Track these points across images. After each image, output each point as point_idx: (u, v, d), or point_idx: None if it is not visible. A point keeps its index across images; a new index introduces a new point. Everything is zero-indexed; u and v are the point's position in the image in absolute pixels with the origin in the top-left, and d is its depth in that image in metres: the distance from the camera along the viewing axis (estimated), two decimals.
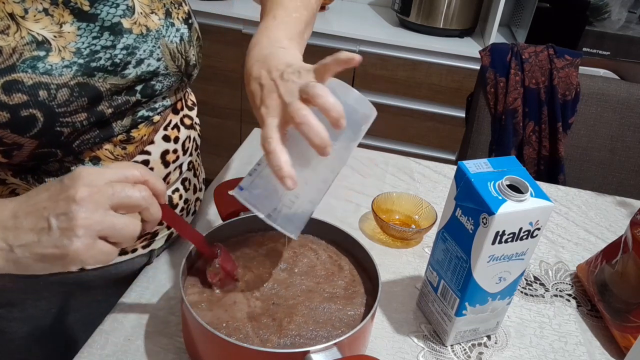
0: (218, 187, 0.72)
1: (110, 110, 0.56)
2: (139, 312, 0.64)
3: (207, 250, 0.59)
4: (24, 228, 0.45)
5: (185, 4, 0.66)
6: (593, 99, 1.27)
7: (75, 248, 0.44)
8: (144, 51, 0.57)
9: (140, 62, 0.57)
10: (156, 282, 0.69)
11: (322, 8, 2.09)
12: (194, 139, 0.71)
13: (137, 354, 0.59)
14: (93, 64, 0.53)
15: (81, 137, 0.55)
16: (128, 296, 0.66)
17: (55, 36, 0.52)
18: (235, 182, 0.74)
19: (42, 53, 0.50)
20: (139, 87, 0.58)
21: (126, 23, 0.56)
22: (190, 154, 0.71)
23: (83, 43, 0.53)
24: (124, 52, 0.56)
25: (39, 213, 0.45)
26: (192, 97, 0.74)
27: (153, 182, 0.49)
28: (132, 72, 0.56)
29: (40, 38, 0.51)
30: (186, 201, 0.72)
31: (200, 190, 0.79)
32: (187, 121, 0.69)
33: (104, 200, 0.45)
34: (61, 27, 0.52)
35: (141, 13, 0.58)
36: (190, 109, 0.71)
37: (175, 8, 0.62)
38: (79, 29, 0.53)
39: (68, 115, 0.52)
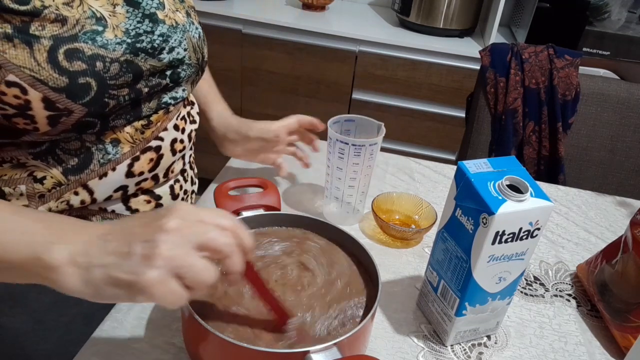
0: (218, 187, 0.72)
1: (146, 90, 0.62)
2: (139, 312, 0.64)
3: (281, 315, 0.56)
4: (108, 250, 0.44)
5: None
6: (593, 99, 1.27)
7: (148, 278, 0.41)
8: (175, 40, 0.64)
9: (172, 49, 0.64)
10: None
11: (322, 8, 2.09)
12: (195, 133, 0.77)
13: (137, 354, 0.59)
14: (138, 45, 0.59)
15: (118, 112, 0.60)
16: None
17: (110, 15, 0.57)
18: (235, 182, 0.75)
19: (100, 28, 0.56)
20: (168, 72, 0.64)
21: (160, 14, 0.63)
22: (191, 148, 0.77)
23: (130, 25, 0.59)
24: (160, 38, 0.62)
25: (127, 238, 0.44)
26: (192, 97, 0.80)
27: (243, 236, 0.47)
28: (166, 57, 0.63)
29: (98, 14, 0.56)
30: (185, 192, 0.77)
31: (195, 183, 0.83)
32: (189, 117, 0.75)
33: (191, 238, 0.43)
34: (114, 7, 0.58)
35: (170, 9, 0.65)
36: (191, 107, 0.77)
37: (192, 12, 0.71)
38: (127, 11, 0.59)
39: (115, 88, 0.57)
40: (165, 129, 0.68)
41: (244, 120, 0.88)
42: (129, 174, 0.65)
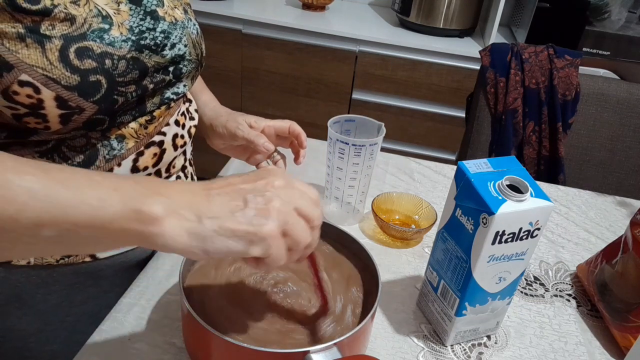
0: None
1: (151, 86, 0.62)
2: (139, 312, 0.64)
3: (325, 300, 0.60)
4: (216, 203, 0.43)
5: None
6: (593, 99, 1.27)
7: (268, 229, 0.43)
8: (175, 37, 0.65)
9: (173, 45, 0.64)
10: (156, 281, 0.69)
11: (322, 8, 2.09)
12: (195, 129, 0.78)
13: (137, 354, 0.59)
14: (142, 42, 0.60)
15: (125, 108, 0.61)
16: (128, 296, 0.66)
17: (114, 12, 0.58)
18: None
19: (106, 26, 0.56)
20: (171, 68, 0.65)
21: (160, 12, 0.63)
22: (190, 145, 0.78)
23: (134, 22, 0.59)
24: (162, 35, 0.63)
25: (234, 193, 0.44)
26: (188, 95, 0.81)
27: (322, 210, 0.49)
28: (168, 53, 0.64)
29: (104, 12, 0.57)
30: None
31: (194, 180, 0.83)
32: (188, 113, 0.76)
33: (294, 199, 0.45)
34: (118, 5, 0.59)
35: (168, 6, 0.66)
36: (190, 104, 0.78)
37: (189, 8, 0.72)
38: (130, 9, 0.60)
39: (124, 85, 0.58)
40: (168, 124, 0.69)
41: (232, 114, 0.82)
42: (134, 169, 0.66)
